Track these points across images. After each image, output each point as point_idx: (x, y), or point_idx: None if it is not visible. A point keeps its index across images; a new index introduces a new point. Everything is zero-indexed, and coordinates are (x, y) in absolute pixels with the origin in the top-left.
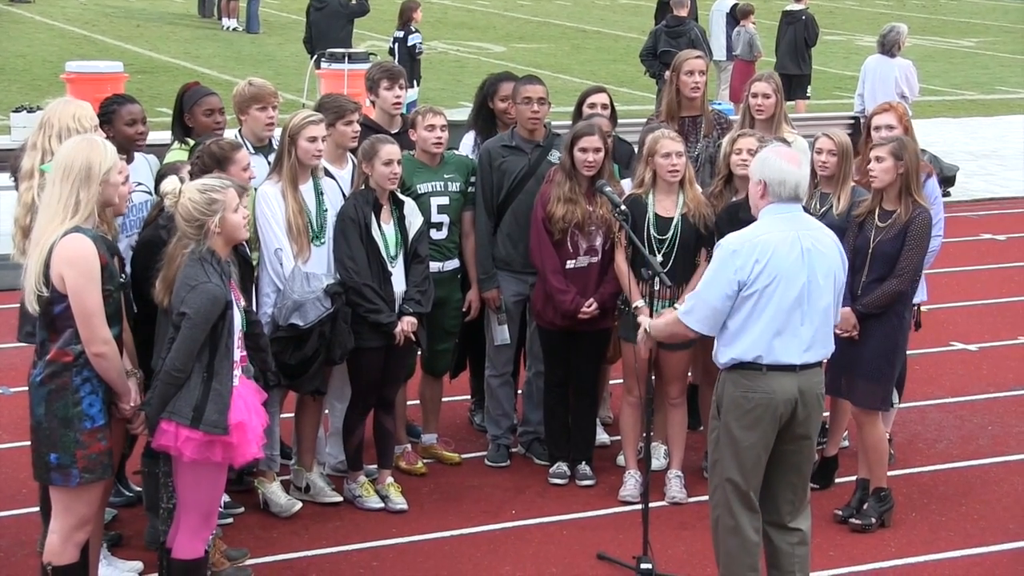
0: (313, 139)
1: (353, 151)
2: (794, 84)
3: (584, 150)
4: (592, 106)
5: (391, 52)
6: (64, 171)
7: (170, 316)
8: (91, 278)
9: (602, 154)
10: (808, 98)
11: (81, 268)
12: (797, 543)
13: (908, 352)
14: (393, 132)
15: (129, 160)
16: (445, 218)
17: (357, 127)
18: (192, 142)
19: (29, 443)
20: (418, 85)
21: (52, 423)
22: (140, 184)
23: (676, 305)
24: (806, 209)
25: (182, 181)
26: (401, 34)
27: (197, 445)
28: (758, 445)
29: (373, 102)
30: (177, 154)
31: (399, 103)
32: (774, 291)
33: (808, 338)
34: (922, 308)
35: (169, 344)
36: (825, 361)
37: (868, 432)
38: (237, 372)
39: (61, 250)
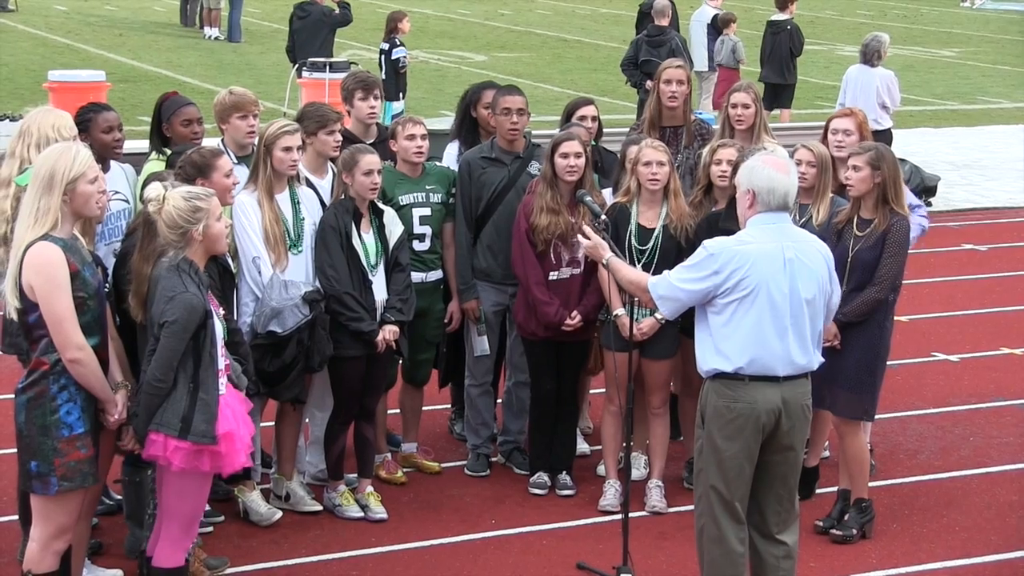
0: (288, 149)
1: (334, 160)
2: (779, 94)
3: (565, 155)
4: (582, 118)
5: (379, 64)
6: (33, 179)
7: (150, 329)
8: (58, 284)
9: (583, 160)
10: (790, 108)
11: (48, 274)
12: (783, 556)
13: (889, 363)
14: (368, 142)
15: (105, 169)
16: (427, 229)
17: (339, 137)
18: (169, 152)
19: (13, 452)
20: (404, 98)
21: (31, 431)
22: (117, 193)
23: (657, 315)
24: None
25: (166, 189)
26: (386, 46)
27: (186, 455)
28: (740, 455)
29: (349, 112)
30: (155, 165)
31: (374, 114)
32: (754, 301)
33: (791, 348)
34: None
35: (150, 356)
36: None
37: (850, 443)
38: (223, 380)
39: (29, 258)
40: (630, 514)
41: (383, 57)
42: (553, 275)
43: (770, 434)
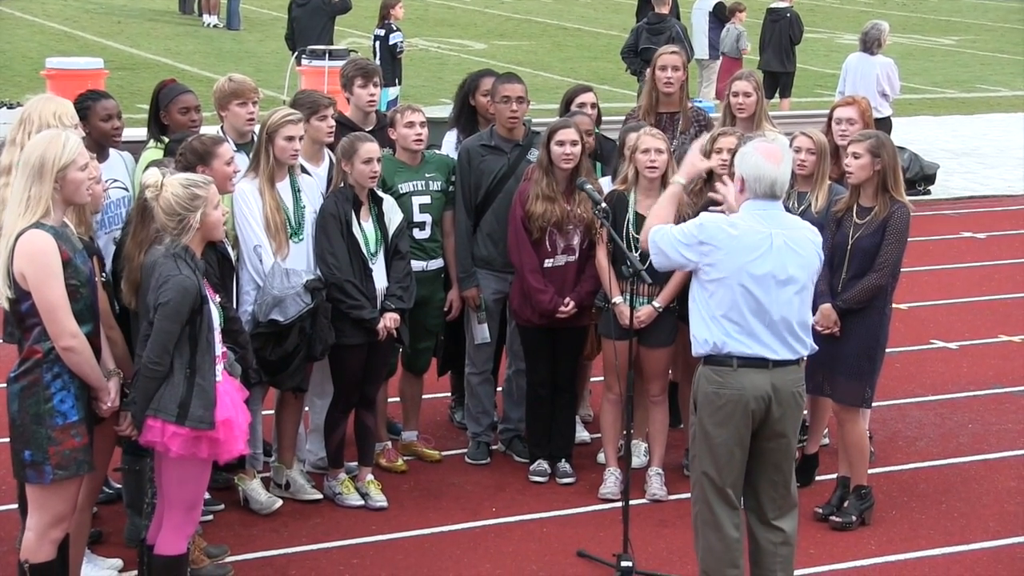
0: (291, 138)
1: (330, 147)
2: (778, 82)
3: (561, 143)
4: (581, 105)
5: (373, 50)
6: (23, 166)
7: (143, 315)
8: (50, 272)
9: (579, 148)
10: (790, 96)
11: (40, 263)
12: (780, 543)
13: (888, 350)
14: (367, 129)
15: (104, 157)
16: (427, 217)
17: (332, 122)
18: (168, 140)
19: (8, 440)
20: (400, 84)
21: (25, 420)
22: (116, 181)
23: (654, 303)
24: (786, 208)
25: (164, 175)
26: (382, 32)
27: (183, 441)
28: (731, 441)
29: (348, 99)
30: (153, 153)
31: (373, 101)
32: (732, 284)
33: (777, 334)
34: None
35: (144, 341)
36: (805, 358)
37: (849, 429)
38: (219, 367)
39: (20, 247)
40: (630, 502)
41: (378, 43)
42: (548, 262)
43: (762, 421)
